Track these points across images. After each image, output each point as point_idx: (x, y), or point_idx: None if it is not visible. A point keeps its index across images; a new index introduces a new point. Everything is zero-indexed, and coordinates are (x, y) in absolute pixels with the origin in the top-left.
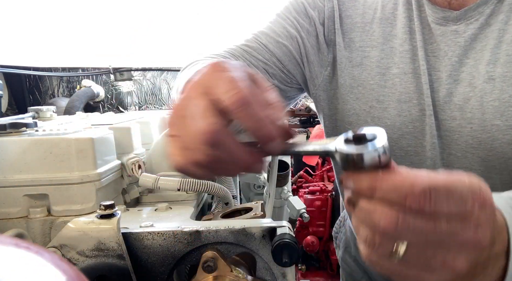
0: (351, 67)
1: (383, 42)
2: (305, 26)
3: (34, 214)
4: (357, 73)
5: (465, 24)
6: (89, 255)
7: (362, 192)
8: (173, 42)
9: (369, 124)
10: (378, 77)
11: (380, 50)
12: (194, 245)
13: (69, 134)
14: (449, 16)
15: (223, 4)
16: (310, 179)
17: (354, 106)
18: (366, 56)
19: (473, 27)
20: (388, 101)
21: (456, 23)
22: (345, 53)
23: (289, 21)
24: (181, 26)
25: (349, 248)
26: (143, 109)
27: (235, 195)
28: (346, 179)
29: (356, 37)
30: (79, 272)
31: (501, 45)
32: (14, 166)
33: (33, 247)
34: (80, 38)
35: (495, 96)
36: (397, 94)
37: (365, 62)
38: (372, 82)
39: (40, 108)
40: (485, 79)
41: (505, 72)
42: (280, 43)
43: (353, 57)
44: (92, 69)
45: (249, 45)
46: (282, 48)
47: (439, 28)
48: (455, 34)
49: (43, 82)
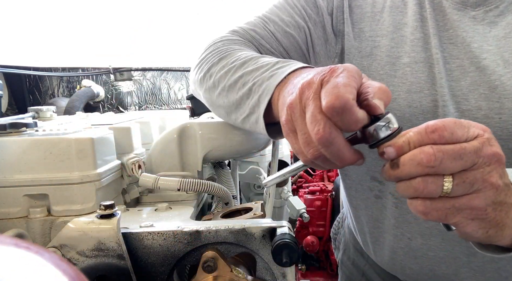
0: (360, 57)
1: (393, 31)
2: (313, 16)
3: (34, 214)
4: (367, 63)
5: (484, 11)
6: (89, 255)
7: (401, 148)
8: (173, 42)
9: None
10: (388, 66)
11: (390, 39)
12: (194, 245)
13: (69, 134)
14: (468, 1)
15: (223, 4)
16: (310, 179)
17: None
18: (376, 46)
19: (493, 15)
20: (398, 91)
21: (474, 9)
22: (354, 44)
23: (297, 10)
24: (181, 26)
25: (348, 250)
26: (143, 109)
27: (235, 195)
28: (386, 148)
29: (366, 27)
30: (79, 272)
31: None
32: (14, 166)
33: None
34: (80, 38)
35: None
36: (408, 84)
37: (375, 52)
38: (382, 72)
39: (40, 108)
40: (505, 65)
41: None
42: (287, 33)
43: (362, 47)
44: (92, 69)
45: (257, 32)
46: (289, 38)
47: (456, 13)
48: (473, 20)
49: (43, 82)
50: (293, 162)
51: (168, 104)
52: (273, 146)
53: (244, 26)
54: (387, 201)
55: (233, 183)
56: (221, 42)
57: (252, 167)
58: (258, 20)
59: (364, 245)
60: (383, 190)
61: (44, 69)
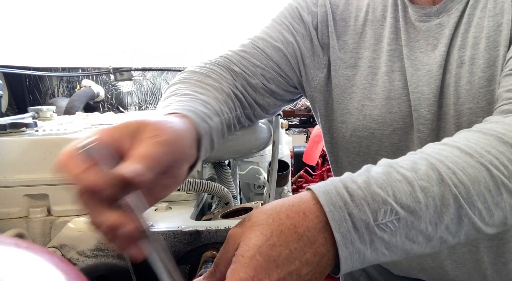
0: (345, 68)
1: (375, 43)
2: (300, 30)
3: (34, 214)
4: (351, 74)
5: (447, 15)
6: (89, 255)
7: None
8: (173, 42)
9: (361, 121)
10: (370, 76)
11: (372, 51)
12: (194, 245)
13: (69, 135)
14: (430, 11)
15: (223, 4)
16: (310, 179)
17: (347, 106)
18: (360, 58)
19: (455, 16)
20: (379, 99)
21: (438, 17)
22: (339, 55)
23: (284, 26)
24: (181, 26)
25: None
26: (143, 109)
27: (235, 195)
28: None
29: (350, 40)
30: (79, 272)
31: (469, 29)
32: (14, 166)
33: (33, 247)
34: (80, 38)
35: (466, 80)
36: (386, 91)
37: (359, 64)
38: (365, 82)
39: (40, 108)
40: (458, 64)
41: (473, 55)
42: (276, 47)
43: (347, 59)
44: (92, 69)
45: (246, 51)
46: (278, 52)
47: (423, 25)
48: (440, 26)
49: (43, 82)
50: (293, 161)
51: None
52: (273, 146)
53: (233, 48)
54: None
55: (233, 183)
56: (188, 72)
57: (252, 167)
58: (246, 41)
59: None
60: None
61: (44, 69)
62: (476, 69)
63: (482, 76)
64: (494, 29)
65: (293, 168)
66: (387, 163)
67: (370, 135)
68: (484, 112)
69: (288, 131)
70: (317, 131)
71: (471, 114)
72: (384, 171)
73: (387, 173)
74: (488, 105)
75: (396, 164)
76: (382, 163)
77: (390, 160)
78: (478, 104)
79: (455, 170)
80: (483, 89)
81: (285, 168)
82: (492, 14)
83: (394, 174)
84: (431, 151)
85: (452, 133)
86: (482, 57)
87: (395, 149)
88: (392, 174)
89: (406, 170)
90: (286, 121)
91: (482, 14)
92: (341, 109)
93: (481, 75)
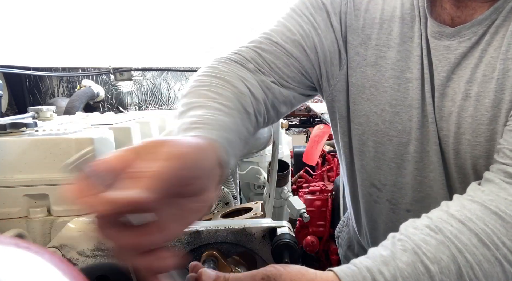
0: (365, 66)
1: (400, 43)
2: (322, 23)
3: (34, 214)
4: (371, 73)
5: (458, 41)
6: (89, 255)
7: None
8: (173, 42)
9: (380, 127)
10: (392, 80)
11: (397, 52)
12: (194, 245)
13: (69, 135)
14: (444, 31)
15: (223, 4)
16: (310, 179)
17: (364, 107)
18: (382, 56)
19: (465, 46)
20: (401, 105)
21: (449, 39)
22: (359, 50)
23: (305, 18)
24: (181, 26)
25: (352, 246)
26: (143, 109)
27: (235, 195)
28: None
29: (373, 35)
30: (79, 272)
31: (480, 65)
32: (14, 166)
33: (33, 247)
34: (80, 38)
35: (469, 113)
36: (409, 99)
37: (380, 63)
38: (386, 85)
39: (40, 108)
40: (463, 97)
41: (480, 92)
42: (296, 42)
43: (368, 56)
44: (92, 69)
45: (263, 48)
46: (298, 47)
47: (433, 41)
48: (447, 49)
49: (43, 82)
50: (293, 161)
51: (168, 104)
52: (273, 146)
53: (249, 44)
54: (384, 206)
55: (233, 183)
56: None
57: (252, 167)
58: (262, 36)
59: (364, 244)
60: (380, 196)
61: (44, 69)
62: (481, 106)
63: (485, 114)
64: (504, 73)
65: (293, 168)
66: (411, 246)
67: (388, 142)
68: (482, 147)
69: (288, 131)
70: (317, 131)
71: (469, 146)
72: (410, 260)
73: (412, 264)
74: (486, 142)
75: (419, 248)
76: (407, 242)
77: (415, 238)
78: (477, 138)
79: (473, 265)
80: (483, 126)
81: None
82: (504, 57)
83: (418, 264)
84: (449, 232)
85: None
86: (488, 97)
87: (410, 158)
88: (416, 265)
89: (430, 262)
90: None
91: (495, 54)
92: (358, 111)
93: (485, 113)
